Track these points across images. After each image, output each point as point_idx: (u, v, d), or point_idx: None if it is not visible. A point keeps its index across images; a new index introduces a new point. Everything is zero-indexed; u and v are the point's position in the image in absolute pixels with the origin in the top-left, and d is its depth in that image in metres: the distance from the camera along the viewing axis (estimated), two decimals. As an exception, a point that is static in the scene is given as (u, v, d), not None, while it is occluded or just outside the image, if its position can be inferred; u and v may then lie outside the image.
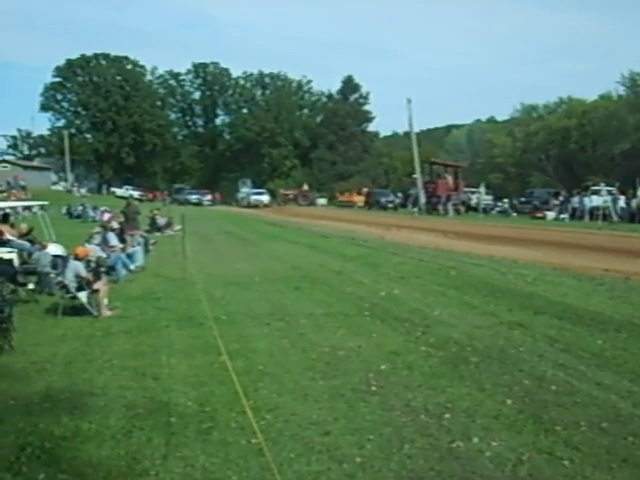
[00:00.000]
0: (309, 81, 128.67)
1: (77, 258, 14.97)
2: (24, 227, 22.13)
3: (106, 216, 35.47)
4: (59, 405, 8.24)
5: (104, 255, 18.86)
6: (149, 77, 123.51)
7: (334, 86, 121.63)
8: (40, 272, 17.13)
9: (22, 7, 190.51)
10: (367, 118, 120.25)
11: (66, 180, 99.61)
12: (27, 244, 20.08)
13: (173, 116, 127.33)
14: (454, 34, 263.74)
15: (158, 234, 33.45)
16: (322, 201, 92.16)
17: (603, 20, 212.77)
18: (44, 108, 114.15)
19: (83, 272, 14.56)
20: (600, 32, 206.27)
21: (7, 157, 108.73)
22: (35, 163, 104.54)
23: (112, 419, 7.72)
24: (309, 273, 20.06)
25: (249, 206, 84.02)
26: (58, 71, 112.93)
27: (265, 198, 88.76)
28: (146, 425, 7.51)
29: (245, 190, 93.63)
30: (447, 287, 16.96)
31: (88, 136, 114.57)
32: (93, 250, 18.40)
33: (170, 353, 10.68)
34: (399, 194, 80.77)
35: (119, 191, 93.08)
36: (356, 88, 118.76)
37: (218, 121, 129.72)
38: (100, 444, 7.04)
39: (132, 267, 20.38)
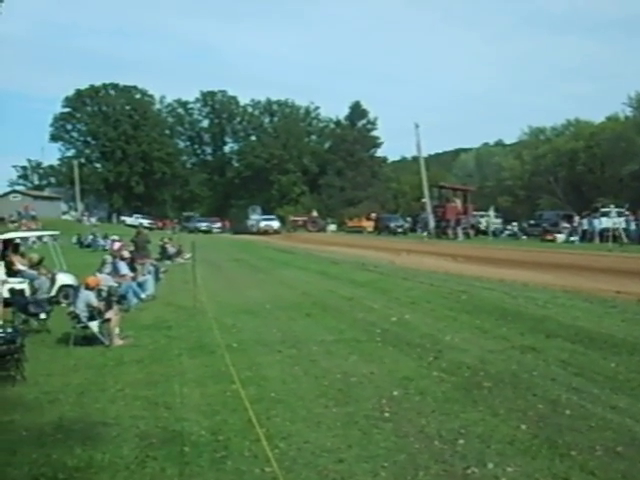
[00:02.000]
0: (317, 107, 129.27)
1: (88, 288, 14.98)
2: (35, 257, 22.17)
3: (116, 245, 35.53)
4: (72, 435, 8.21)
5: (115, 284, 18.88)
6: (158, 106, 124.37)
7: (342, 112, 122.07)
8: (40, 299, 17.14)
9: (32, 39, 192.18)
10: (375, 143, 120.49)
11: (76, 209, 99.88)
12: (36, 274, 20.12)
13: (182, 144, 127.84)
14: (460, 58, 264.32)
15: (168, 262, 33.49)
16: (332, 227, 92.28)
17: (609, 42, 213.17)
18: (54, 138, 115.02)
19: (94, 301, 14.57)
20: (606, 54, 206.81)
21: (18, 187, 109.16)
22: (45, 193, 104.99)
23: (125, 449, 7.69)
24: (320, 300, 20.05)
25: (259, 232, 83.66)
26: (67, 101, 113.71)
27: (275, 224, 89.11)
28: (159, 455, 7.48)
29: (255, 217, 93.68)
30: (458, 311, 16.93)
31: (98, 165, 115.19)
32: (104, 279, 18.44)
33: (182, 382, 10.66)
34: (408, 219, 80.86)
35: (129, 220, 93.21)
36: (364, 114, 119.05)
37: (227, 149, 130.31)
38: (114, 475, 7.01)
39: (143, 296, 20.41)
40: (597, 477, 6.61)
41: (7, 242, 21.68)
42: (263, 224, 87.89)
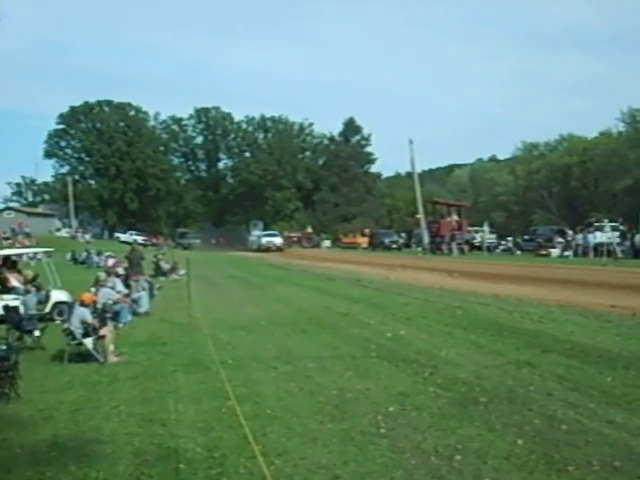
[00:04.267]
0: (311, 124, 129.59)
1: (83, 304, 14.94)
2: (30, 274, 22.14)
3: (110, 261, 35.51)
4: (66, 453, 8.16)
5: (112, 300, 18.82)
6: (152, 122, 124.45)
7: (336, 128, 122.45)
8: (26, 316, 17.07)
9: (26, 56, 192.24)
10: (369, 159, 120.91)
11: (70, 226, 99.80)
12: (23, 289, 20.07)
13: (176, 161, 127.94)
14: (455, 75, 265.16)
15: (163, 279, 33.43)
16: (327, 243, 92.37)
17: (602, 59, 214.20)
18: (48, 155, 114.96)
19: (89, 318, 14.53)
20: (599, 70, 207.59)
21: (12, 204, 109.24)
22: (39, 210, 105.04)
23: (120, 467, 7.65)
24: (315, 316, 20.03)
25: (259, 250, 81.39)
26: (62, 118, 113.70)
27: (277, 240, 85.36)
28: (155, 472, 7.44)
29: (256, 232, 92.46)
30: (453, 327, 16.94)
31: (92, 182, 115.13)
32: (106, 294, 18.43)
33: (177, 398, 10.61)
34: (402, 234, 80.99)
35: (123, 236, 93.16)
36: (358, 130, 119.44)
37: (221, 165, 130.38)
38: (109, 492, 6.98)
39: (138, 312, 20.38)
40: (595, 492, 6.60)
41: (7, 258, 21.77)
42: (265, 240, 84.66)
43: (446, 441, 8.23)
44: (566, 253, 50.95)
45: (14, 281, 21.23)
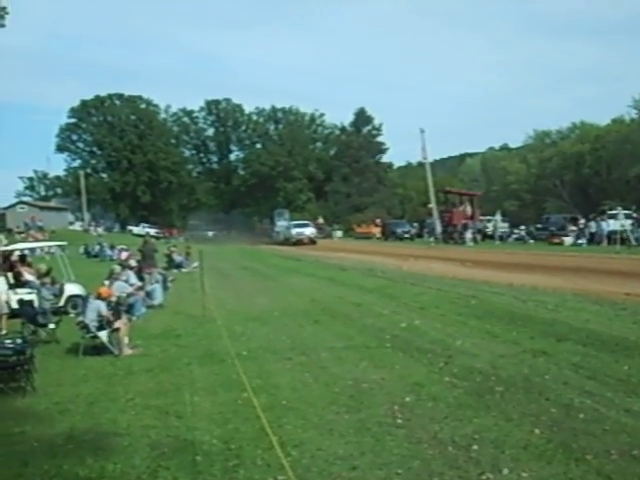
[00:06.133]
0: (322, 114, 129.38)
1: (100, 297, 14.96)
2: (43, 267, 22.18)
3: (124, 255, 35.59)
4: (83, 446, 8.18)
5: (126, 293, 18.84)
6: (163, 115, 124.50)
7: (347, 118, 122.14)
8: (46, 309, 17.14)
9: (38, 50, 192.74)
10: (380, 149, 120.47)
11: (83, 220, 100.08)
12: (37, 283, 20.11)
13: (187, 153, 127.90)
14: (465, 63, 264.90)
15: (176, 271, 33.45)
16: (338, 233, 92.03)
17: (613, 45, 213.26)
18: (60, 149, 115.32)
19: (105, 311, 14.55)
20: (611, 57, 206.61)
21: (24, 198, 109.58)
22: (52, 204, 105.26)
23: (137, 459, 7.66)
24: (328, 306, 20.00)
25: (288, 243, 72.46)
26: (73, 112, 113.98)
27: (310, 231, 74.96)
28: (171, 464, 7.44)
29: (282, 223, 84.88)
30: (468, 316, 16.87)
31: (104, 175, 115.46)
32: (119, 287, 18.45)
33: (193, 391, 10.62)
34: (415, 224, 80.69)
35: (136, 229, 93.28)
36: (369, 120, 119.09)
37: (232, 157, 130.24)
38: (126, 485, 6.99)
39: (152, 305, 20.42)
40: (614, 481, 6.55)
41: (11, 253, 21.82)
42: (295, 231, 74.00)
43: (463, 431, 8.19)
44: (579, 241, 50.71)
45: (28, 275, 21.29)
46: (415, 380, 10.72)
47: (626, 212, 48.31)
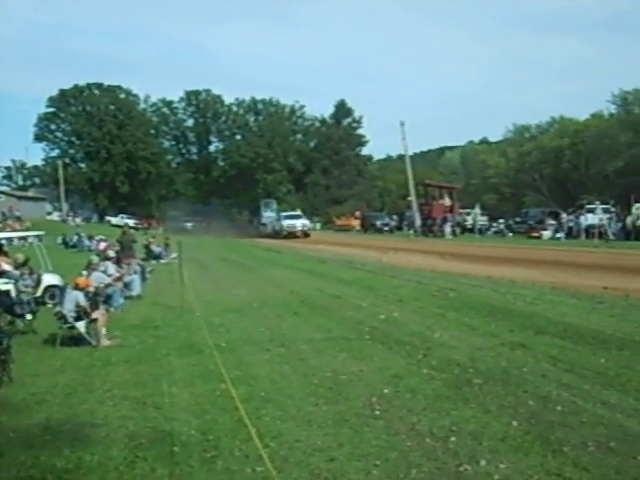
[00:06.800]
0: (302, 106, 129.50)
1: (78, 288, 14.86)
2: (20, 257, 22.00)
3: (102, 245, 35.42)
4: (60, 437, 8.12)
5: (104, 283, 18.75)
6: (142, 105, 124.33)
7: (327, 111, 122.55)
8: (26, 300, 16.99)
9: (17, 39, 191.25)
10: (360, 142, 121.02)
11: (61, 210, 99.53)
12: (17, 273, 19.95)
13: (167, 144, 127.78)
14: (446, 57, 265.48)
15: (154, 262, 33.34)
16: (317, 226, 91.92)
17: (594, 41, 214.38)
18: (38, 138, 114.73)
19: (82, 301, 14.45)
20: (591, 53, 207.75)
21: (2, 188, 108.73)
22: (30, 193, 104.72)
23: (114, 450, 7.60)
24: (308, 298, 19.99)
25: (277, 235, 68.59)
26: (51, 101, 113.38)
27: (302, 223, 70.30)
28: (149, 455, 7.40)
29: (270, 214, 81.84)
30: (446, 309, 16.91)
31: (82, 165, 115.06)
32: (98, 278, 18.36)
33: (171, 382, 10.56)
34: (394, 217, 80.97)
35: (114, 220, 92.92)
36: (349, 112, 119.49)
37: (212, 148, 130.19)
38: (103, 476, 6.93)
39: (130, 295, 20.34)
40: (590, 473, 6.57)
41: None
42: (287, 223, 69.21)
43: (441, 423, 8.20)
44: (558, 235, 51.04)
45: (5, 265, 21.11)
46: (394, 372, 10.72)
47: (604, 206, 48.67)
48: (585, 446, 7.25)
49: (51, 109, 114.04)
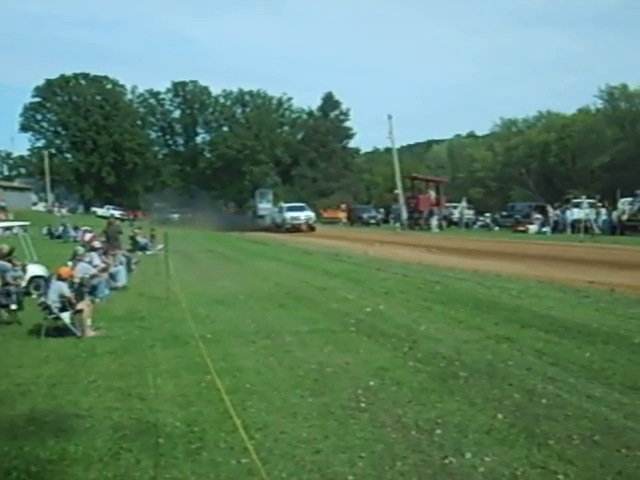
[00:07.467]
0: (289, 98, 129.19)
1: (60, 278, 14.79)
2: (5, 247, 21.87)
3: (87, 236, 35.28)
4: (44, 428, 8.09)
5: (90, 274, 18.68)
6: (129, 96, 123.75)
7: (314, 103, 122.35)
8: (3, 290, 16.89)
9: (2, 28, 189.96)
10: (348, 135, 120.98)
11: (46, 200, 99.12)
12: (8, 265, 19.82)
13: (153, 135, 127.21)
14: (433, 51, 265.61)
15: (140, 253, 33.26)
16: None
17: (581, 36, 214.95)
18: (24, 128, 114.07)
19: (67, 292, 14.39)
20: (578, 48, 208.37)
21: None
22: (15, 184, 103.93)
23: (99, 441, 7.57)
24: (293, 290, 19.98)
25: (278, 229, 62.97)
26: (38, 91, 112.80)
27: (306, 215, 63.64)
28: (134, 446, 7.37)
29: (266, 205, 77.38)
30: (432, 302, 16.93)
31: (68, 156, 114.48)
32: (83, 268, 18.30)
33: (156, 373, 10.53)
34: (381, 210, 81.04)
35: (100, 211, 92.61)
36: (336, 105, 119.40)
37: (198, 139, 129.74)
38: (87, 467, 6.90)
39: (115, 287, 20.27)
40: (575, 466, 6.59)
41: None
42: (290, 216, 62.58)
43: (426, 415, 8.21)
44: (544, 229, 51.20)
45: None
46: (379, 364, 10.72)
47: (590, 201, 48.84)
48: (570, 439, 7.27)
49: (37, 99, 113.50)
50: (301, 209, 64.63)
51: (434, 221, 60.44)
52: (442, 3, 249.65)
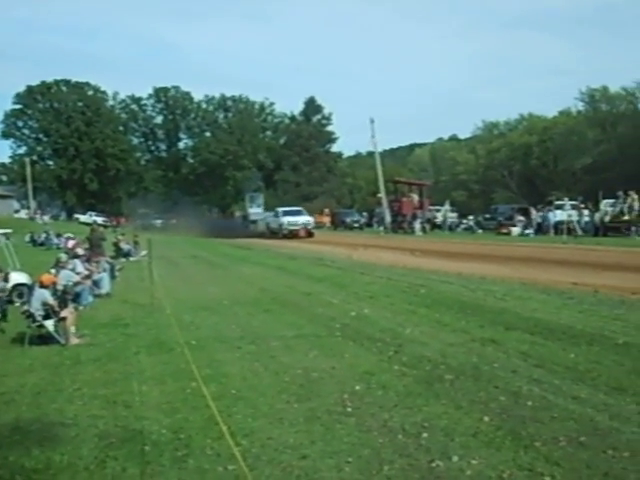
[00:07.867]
0: (271, 103, 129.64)
1: (43, 286, 14.72)
2: (-12, 256, 21.83)
3: (70, 243, 35.14)
4: (29, 437, 8.04)
5: (73, 281, 18.60)
6: (111, 102, 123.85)
7: (297, 108, 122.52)
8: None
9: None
10: (330, 139, 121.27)
11: (29, 208, 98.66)
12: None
13: (136, 141, 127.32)
14: (415, 55, 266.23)
15: (124, 260, 33.17)
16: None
17: (562, 39, 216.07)
18: (5, 135, 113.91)
19: (50, 300, 14.32)
20: (559, 51, 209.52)
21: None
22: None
23: (84, 449, 7.53)
24: (278, 295, 19.95)
25: (274, 235, 58.96)
26: (18, 98, 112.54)
27: (304, 220, 58.89)
28: (120, 455, 7.33)
29: (256, 210, 74.52)
30: (417, 305, 16.94)
31: (50, 163, 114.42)
32: (67, 275, 18.22)
33: (141, 380, 10.48)
34: (364, 214, 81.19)
35: (83, 217, 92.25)
36: (319, 109, 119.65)
37: (181, 145, 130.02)
38: (73, 476, 6.86)
39: (99, 294, 20.19)
40: (562, 467, 6.59)
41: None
42: (287, 220, 57.80)
43: (413, 419, 8.20)
44: (527, 231, 51.42)
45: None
46: (365, 369, 10.71)
47: (572, 203, 49.11)
48: (556, 441, 7.28)
49: (18, 105, 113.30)
50: (298, 213, 60.44)
51: (417, 224, 60.56)
52: (424, 8, 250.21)
